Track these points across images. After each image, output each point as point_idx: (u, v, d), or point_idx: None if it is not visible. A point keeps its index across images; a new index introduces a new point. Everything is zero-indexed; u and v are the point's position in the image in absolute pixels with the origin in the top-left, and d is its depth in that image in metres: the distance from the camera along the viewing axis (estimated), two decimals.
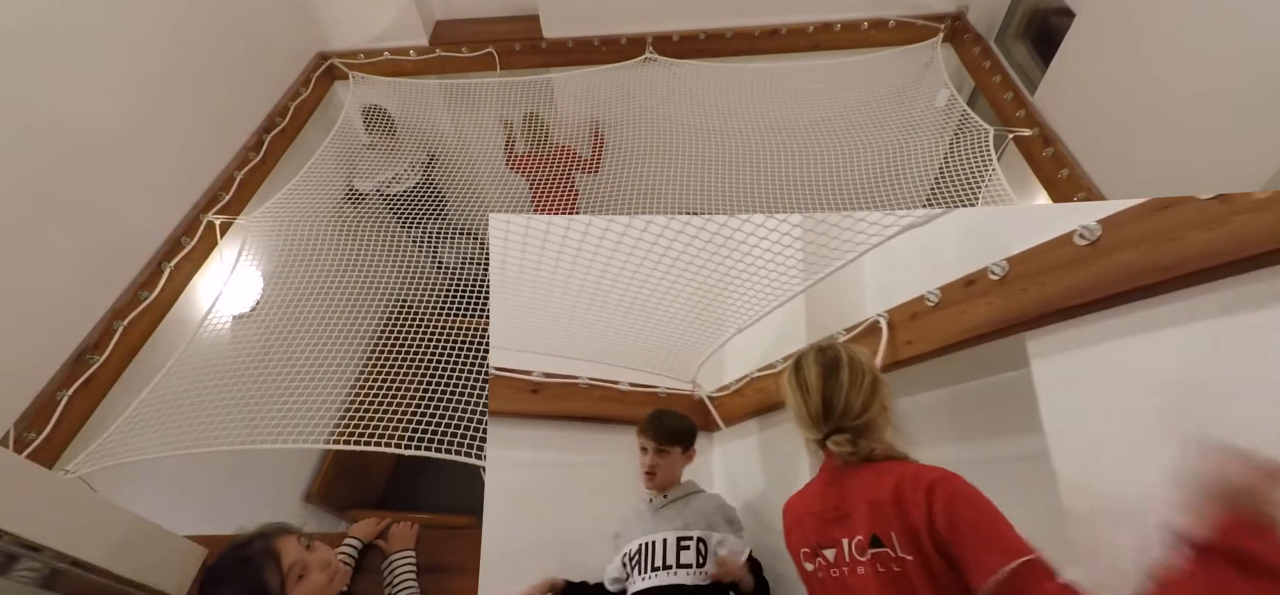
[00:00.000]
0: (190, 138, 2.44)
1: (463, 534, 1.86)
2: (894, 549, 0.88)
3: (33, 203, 1.84)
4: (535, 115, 3.19)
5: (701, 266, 1.42)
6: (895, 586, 0.88)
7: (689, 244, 1.35)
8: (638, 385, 1.71)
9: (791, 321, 1.57)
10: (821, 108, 2.99)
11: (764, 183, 2.78)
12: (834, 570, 0.97)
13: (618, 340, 1.69)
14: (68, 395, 1.85)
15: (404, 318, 2.40)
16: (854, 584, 0.93)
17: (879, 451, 0.97)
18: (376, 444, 1.76)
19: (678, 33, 3.08)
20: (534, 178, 3.27)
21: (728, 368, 1.75)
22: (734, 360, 1.74)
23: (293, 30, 3.08)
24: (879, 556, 0.90)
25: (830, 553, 0.98)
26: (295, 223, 2.57)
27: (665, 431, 1.48)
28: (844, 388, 0.99)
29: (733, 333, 1.67)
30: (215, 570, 1.29)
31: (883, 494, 0.91)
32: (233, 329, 2.41)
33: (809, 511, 1.04)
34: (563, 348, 1.68)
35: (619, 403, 1.68)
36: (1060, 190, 2.20)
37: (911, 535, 0.86)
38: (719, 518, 1.42)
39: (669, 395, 1.74)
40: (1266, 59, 1.55)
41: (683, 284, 1.51)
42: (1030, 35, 2.76)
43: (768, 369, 1.59)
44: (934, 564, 0.84)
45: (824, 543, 0.99)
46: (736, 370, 1.71)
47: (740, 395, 1.68)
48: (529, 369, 1.62)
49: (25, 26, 1.82)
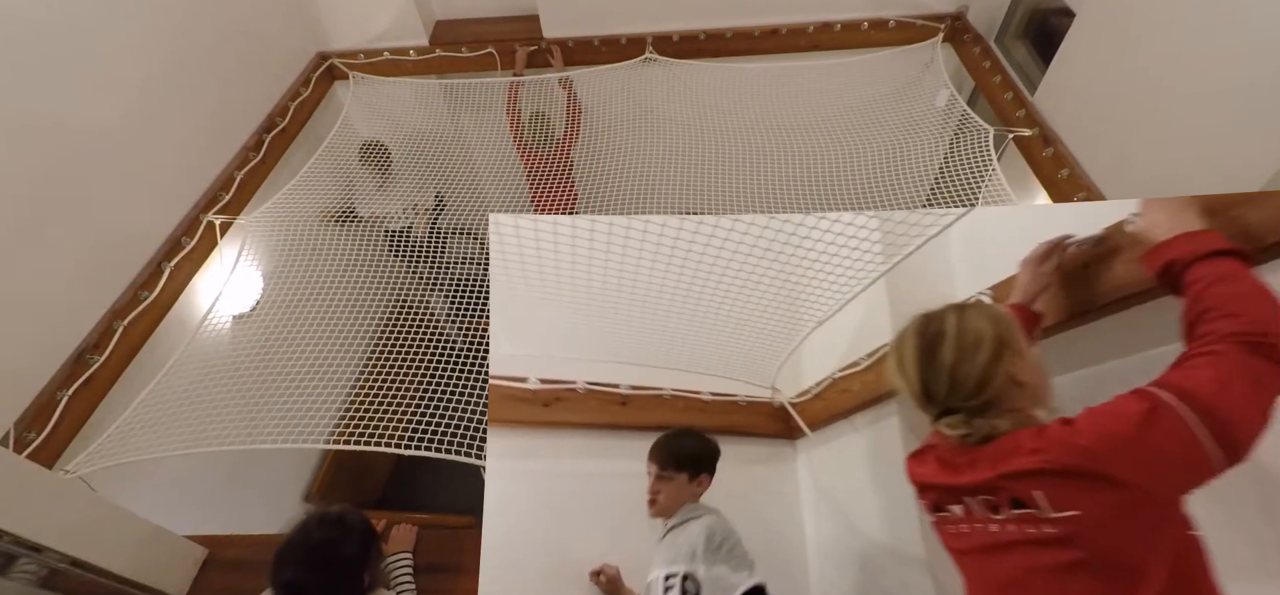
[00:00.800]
0: (190, 138, 2.44)
1: (463, 534, 1.86)
2: (1045, 509, 0.75)
3: (33, 203, 1.84)
4: (541, 114, 3.20)
5: (769, 264, 1.34)
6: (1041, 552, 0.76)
7: (755, 244, 1.29)
8: (719, 394, 1.68)
9: (874, 313, 1.48)
10: (821, 107, 2.99)
11: (764, 182, 2.78)
12: (963, 526, 0.87)
13: (692, 348, 1.66)
14: (68, 395, 1.85)
15: (404, 318, 2.40)
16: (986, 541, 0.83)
17: (1004, 428, 0.83)
18: (376, 444, 1.76)
19: (678, 33, 3.08)
20: (535, 176, 3.27)
21: (806, 371, 1.68)
22: (814, 361, 1.66)
23: (293, 30, 3.08)
24: (1026, 518, 0.78)
25: (957, 508, 0.88)
26: (295, 223, 2.57)
27: (669, 455, 1.38)
28: (946, 367, 0.86)
29: (812, 327, 1.56)
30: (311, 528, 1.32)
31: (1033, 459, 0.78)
32: (233, 329, 2.41)
33: (930, 484, 0.94)
34: (642, 357, 1.65)
35: (703, 412, 1.66)
36: (1060, 190, 2.20)
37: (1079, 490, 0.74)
38: (705, 546, 1.26)
39: (749, 403, 1.69)
40: (1266, 59, 1.55)
41: (753, 284, 1.43)
42: (1030, 35, 2.76)
43: (850, 367, 1.52)
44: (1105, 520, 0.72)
45: (947, 501, 0.90)
46: (817, 372, 1.63)
47: (822, 399, 1.62)
48: (617, 382, 1.59)
49: (25, 26, 1.82)
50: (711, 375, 1.68)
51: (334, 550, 1.29)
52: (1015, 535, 0.79)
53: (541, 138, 3.22)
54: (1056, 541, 0.75)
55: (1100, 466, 0.73)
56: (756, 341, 1.63)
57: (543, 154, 3.23)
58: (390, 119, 3.37)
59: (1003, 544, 0.81)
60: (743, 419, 1.70)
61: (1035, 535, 0.77)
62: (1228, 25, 1.65)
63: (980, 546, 0.85)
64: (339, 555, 1.29)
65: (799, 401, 1.69)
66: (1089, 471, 0.73)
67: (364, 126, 3.35)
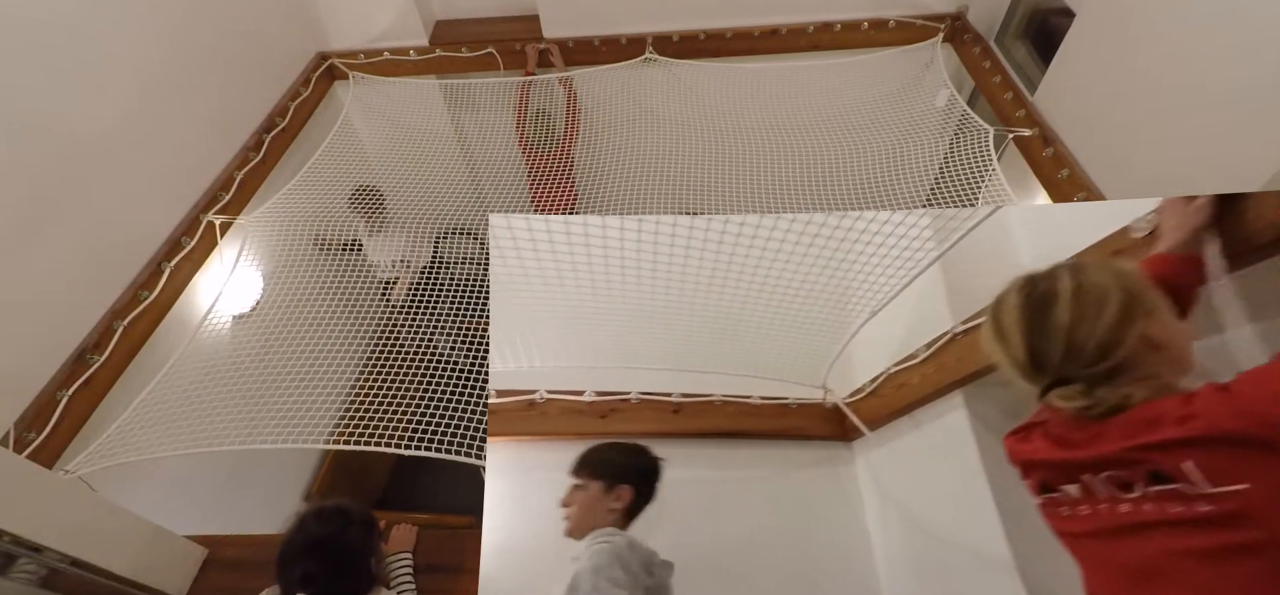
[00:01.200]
0: (190, 138, 2.44)
1: (463, 534, 1.86)
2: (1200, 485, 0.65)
3: (33, 203, 1.84)
4: (543, 113, 3.20)
5: (812, 262, 1.26)
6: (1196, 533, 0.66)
7: (784, 240, 1.22)
8: (769, 398, 1.65)
9: (930, 303, 1.40)
10: (821, 107, 2.99)
11: (764, 182, 2.78)
12: (1082, 508, 0.77)
13: (735, 351, 1.63)
14: (68, 395, 1.85)
15: (404, 318, 2.40)
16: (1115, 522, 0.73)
17: (1139, 397, 0.72)
18: (376, 444, 1.76)
19: (678, 33, 3.08)
20: (536, 175, 3.28)
21: (858, 369, 1.62)
22: (866, 358, 1.60)
23: (293, 30, 3.08)
24: (1169, 494, 0.67)
25: (1072, 488, 0.78)
26: (295, 223, 2.57)
27: (583, 462, 1.24)
28: (1061, 329, 0.75)
29: (863, 320, 1.48)
30: (312, 522, 1.32)
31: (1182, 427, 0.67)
32: (233, 329, 2.41)
33: (1037, 462, 0.83)
34: (691, 363, 1.62)
35: (754, 417, 1.65)
36: (1060, 190, 2.20)
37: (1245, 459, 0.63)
38: (592, 577, 1.09)
39: (800, 405, 1.65)
40: (1266, 59, 1.55)
41: (795, 280, 1.35)
42: (1030, 35, 2.76)
43: (907, 361, 1.45)
44: None
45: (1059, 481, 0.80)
46: (871, 369, 1.57)
47: (878, 396, 1.56)
48: (669, 390, 1.59)
49: (26, 27, 1.82)
50: (755, 377, 1.64)
51: (341, 539, 1.29)
52: (1154, 514, 0.69)
53: (543, 137, 3.23)
54: (1215, 521, 0.64)
55: (1275, 432, 0.61)
56: (803, 340, 1.55)
57: (544, 153, 3.23)
58: (390, 119, 3.37)
59: (1137, 525, 0.71)
60: (795, 422, 1.67)
61: (1183, 514, 0.66)
62: (1228, 25, 1.65)
63: (1105, 529, 0.74)
64: (347, 544, 1.29)
65: (853, 401, 1.64)
66: (1261, 438, 0.62)
67: (364, 126, 3.35)
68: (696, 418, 1.65)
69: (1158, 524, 0.68)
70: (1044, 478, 0.83)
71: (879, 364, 1.54)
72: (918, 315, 1.44)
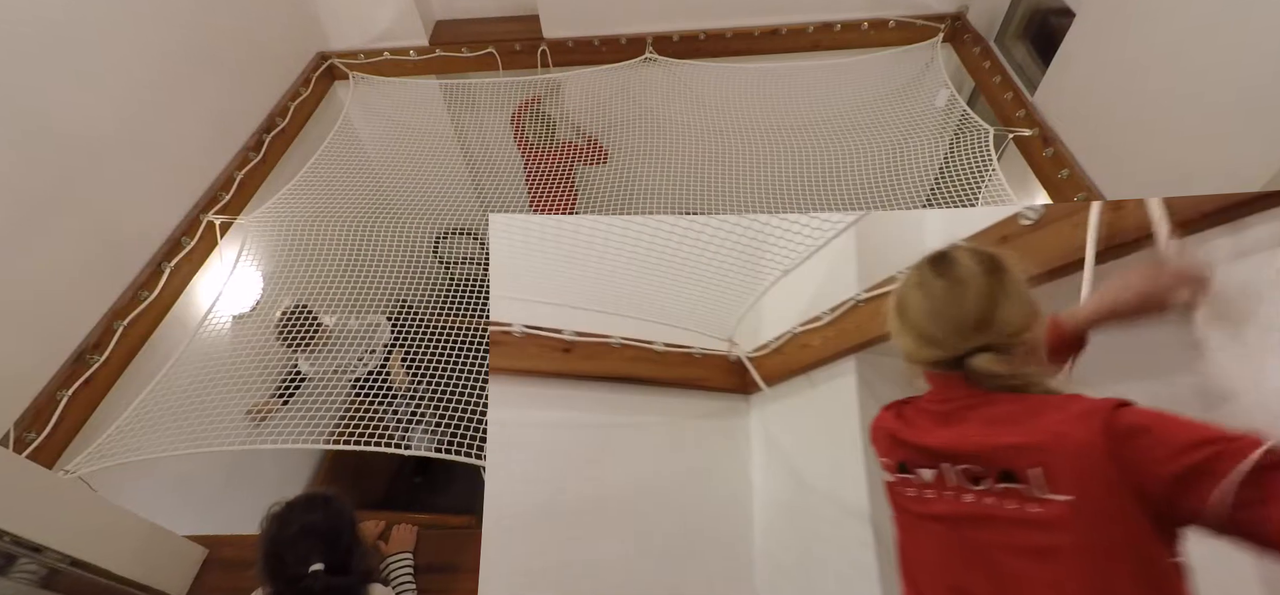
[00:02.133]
0: (190, 138, 2.44)
1: (463, 534, 1.86)
2: (1037, 489, 0.71)
3: (34, 203, 1.84)
4: (543, 112, 3.20)
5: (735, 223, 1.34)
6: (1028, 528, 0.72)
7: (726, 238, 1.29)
8: (673, 345, 1.61)
9: (840, 268, 1.44)
10: (822, 108, 2.99)
11: (764, 183, 2.78)
12: (928, 492, 0.83)
13: (650, 296, 1.60)
14: (68, 395, 1.85)
15: (404, 317, 2.40)
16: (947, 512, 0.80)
17: (1037, 382, 0.78)
18: (376, 444, 1.76)
19: (678, 33, 3.08)
20: (534, 173, 3.27)
21: (767, 325, 1.64)
22: (775, 316, 1.63)
23: (293, 30, 3.08)
24: (1010, 493, 0.74)
25: (927, 473, 0.84)
26: (295, 223, 2.57)
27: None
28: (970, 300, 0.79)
29: (778, 276, 1.52)
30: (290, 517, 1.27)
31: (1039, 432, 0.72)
32: (233, 329, 2.41)
33: (904, 442, 0.89)
34: (592, 301, 1.57)
35: (654, 363, 1.60)
36: (1060, 190, 2.20)
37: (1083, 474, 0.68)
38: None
39: (704, 356, 1.63)
40: (1266, 59, 1.55)
41: (715, 237, 1.41)
42: (1030, 35, 2.75)
43: (812, 322, 1.48)
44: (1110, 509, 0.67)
45: (918, 464, 0.85)
46: (777, 327, 1.60)
47: (781, 353, 1.58)
48: (559, 327, 1.50)
49: (26, 27, 1.82)
50: (666, 324, 1.61)
51: (336, 522, 1.27)
52: (992, 509, 0.76)
53: (544, 136, 3.22)
54: (1041, 523, 0.71)
55: (1137, 476, 0.66)
56: (716, 292, 1.59)
57: (543, 152, 3.22)
58: (390, 119, 3.37)
59: (976, 516, 0.77)
60: (697, 372, 1.66)
61: (1016, 513, 0.73)
62: (1228, 25, 1.65)
63: (947, 515, 0.81)
64: (338, 527, 1.27)
65: (757, 356, 1.65)
66: (1113, 476, 0.67)
67: (364, 127, 3.34)
68: (589, 360, 1.54)
69: (993, 518, 0.76)
70: (905, 457, 0.88)
71: (786, 324, 1.57)
72: (828, 279, 1.48)
